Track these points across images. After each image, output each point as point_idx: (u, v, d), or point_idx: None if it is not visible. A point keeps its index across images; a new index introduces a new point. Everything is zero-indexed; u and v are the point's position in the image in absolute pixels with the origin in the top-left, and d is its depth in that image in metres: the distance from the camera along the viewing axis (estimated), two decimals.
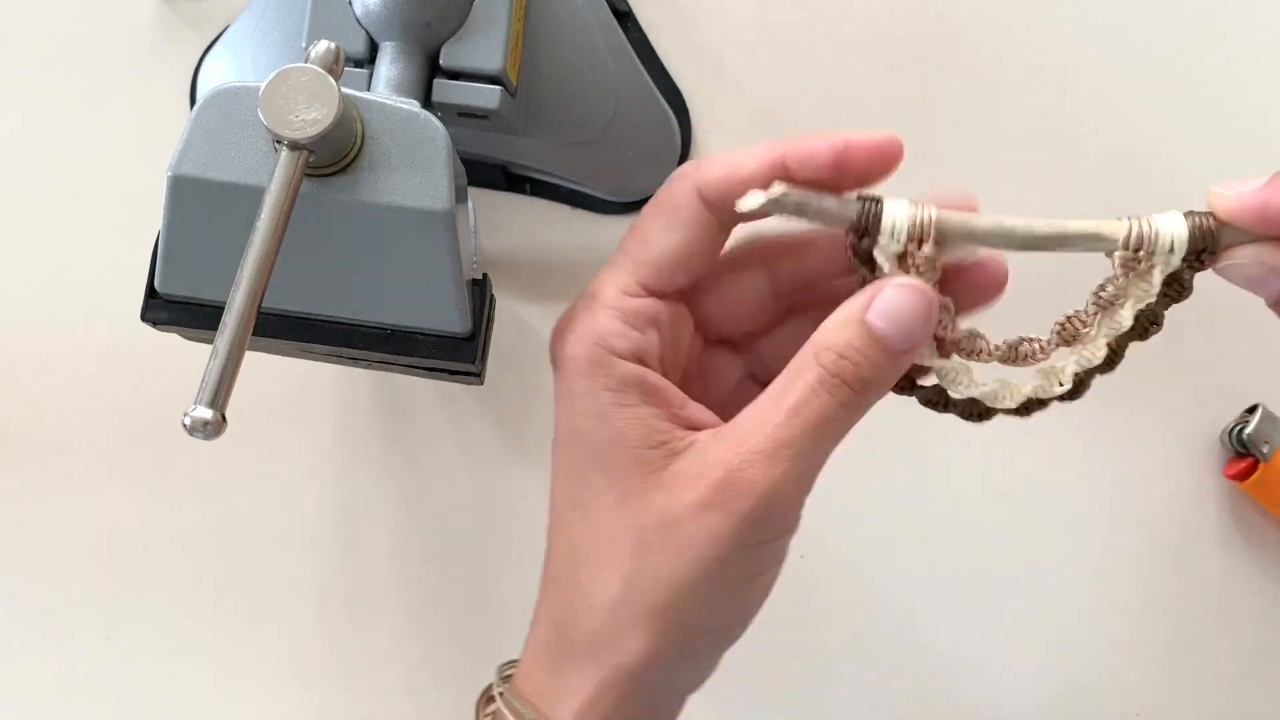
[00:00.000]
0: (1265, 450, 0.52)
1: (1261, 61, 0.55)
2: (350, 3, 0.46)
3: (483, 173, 0.54)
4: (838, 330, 0.33)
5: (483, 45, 0.46)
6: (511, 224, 0.55)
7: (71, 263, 0.55)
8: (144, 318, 0.40)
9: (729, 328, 0.38)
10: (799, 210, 0.33)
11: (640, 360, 0.35)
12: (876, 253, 0.33)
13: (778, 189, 0.32)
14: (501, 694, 0.37)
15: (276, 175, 0.34)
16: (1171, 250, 0.32)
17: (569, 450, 0.36)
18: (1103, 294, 0.34)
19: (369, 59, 0.46)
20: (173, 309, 0.40)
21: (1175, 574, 0.53)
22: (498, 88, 0.46)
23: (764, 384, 0.35)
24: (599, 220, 0.55)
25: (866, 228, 0.33)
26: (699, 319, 0.37)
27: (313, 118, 0.34)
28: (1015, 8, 0.56)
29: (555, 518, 0.37)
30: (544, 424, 0.54)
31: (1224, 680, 0.53)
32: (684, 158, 0.55)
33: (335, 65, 0.35)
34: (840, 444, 0.34)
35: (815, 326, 0.34)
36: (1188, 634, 0.53)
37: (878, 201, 0.33)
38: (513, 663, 0.38)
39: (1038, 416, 0.37)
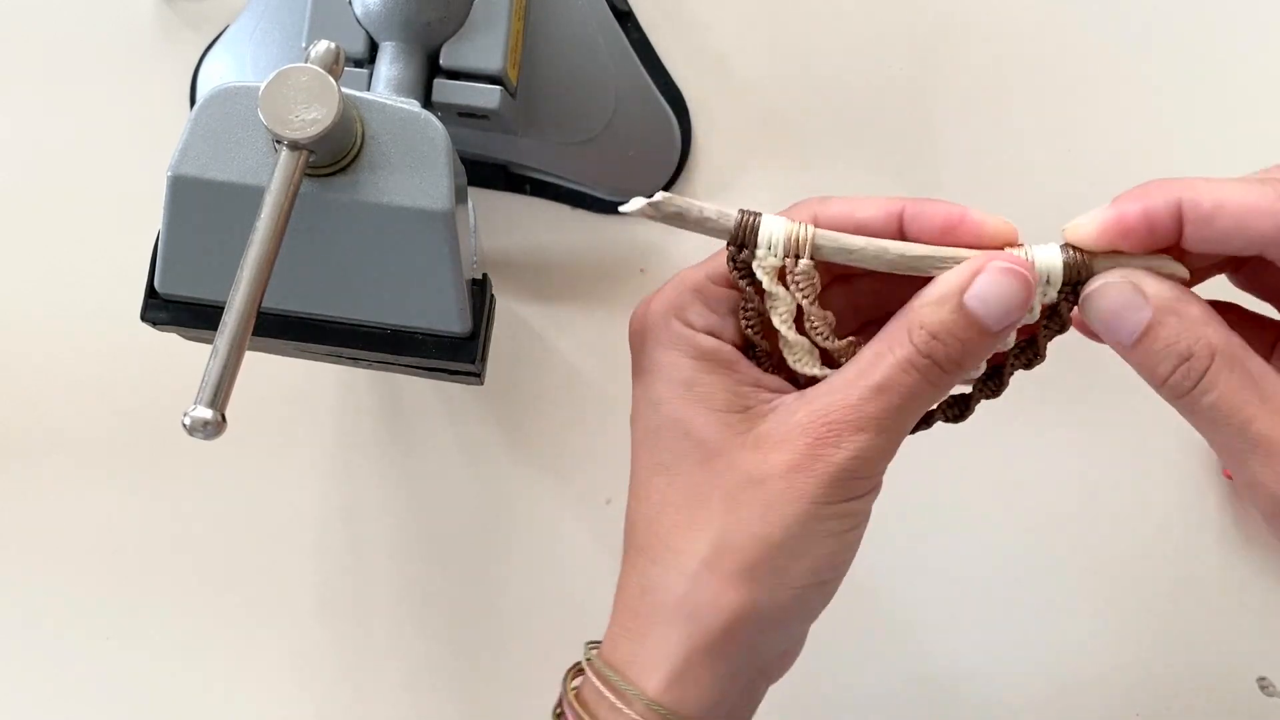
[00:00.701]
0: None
1: (1261, 61, 0.55)
2: (350, 3, 0.46)
3: (483, 173, 0.54)
4: (933, 310, 0.33)
5: (483, 45, 0.46)
6: (511, 224, 0.55)
7: (71, 263, 0.55)
8: (144, 318, 0.40)
9: None
10: (679, 218, 0.34)
11: (717, 336, 0.36)
12: (754, 265, 0.34)
13: (659, 195, 0.34)
14: (589, 660, 0.37)
15: (276, 175, 0.34)
16: (1048, 282, 0.33)
17: (650, 419, 0.36)
18: None
19: (369, 59, 0.46)
20: (172, 309, 0.40)
21: (1175, 574, 0.53)
22: (498, 88, 0.46)
23: None
24: (599, 220, 0.55)
25: (744, 240, 0.34)
26: None
27: (313, 117, 0.34)
28: (1015, 8, 0.56)
29: (637, 486, 0.37)
30: (544, 424, 0.55)
31: (1224, 680, 0.53)
32: (684, 158, 0.55)
33: (335, 65, 0.35)
34: None
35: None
36: (1188, 634, 0.53)
37: (756, 215, 0.34)
38: (596, 643, 0.38)
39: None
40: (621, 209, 0.34)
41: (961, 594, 0.53)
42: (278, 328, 0.40)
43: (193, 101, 0.55)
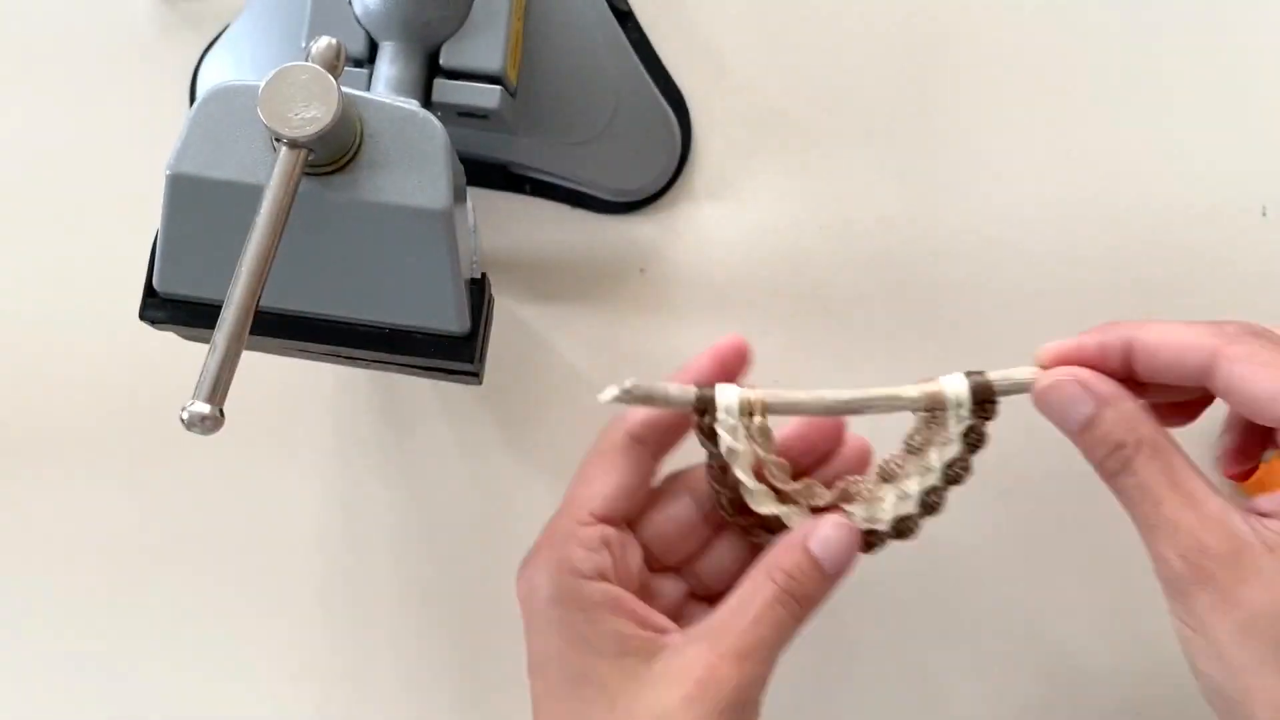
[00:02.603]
0: (1265, 451, 0.51)
1: (1262, 59, 0.55)
2: (350, 2, 0.46)
3: (482, 172, 0.54)
4: (787, 553, 0.40)
5: (482, 45, 0.46)
6: (511, 224, 0.55)
7: (70, 261, 0.55)
8: (142, 316, 0.40)
9: (670, 554, 0.43)
10: (647, 399, 0.39)
11: (602, 576, 0.40)
12: (717, 427, 0.40)
13: (628, 382, 0.38)
14: None
15: (276, 173, 0.34)
16: (960, 405, 0.39)
17: (551, 675, 0.40)
18: (911, 442, 0.40)
19: (369, 58, 0.46)
20: (171, 308, 0.40)
21: None
22: (497, 87, 0.46)
23: (704, 598, 0.43)
24: (599, 220, 0.55)
25: (705, 409, 0.40)
26: (645, 552, 0.42)
27: (312, 116, 0.34)
28: (1015, 8, 0.56)
29: None
30: (543, 424, 0.54)
31: None
32: (684, 158, 0.55)
33: (336, 61, 0.35)
34: None
35: (739, 542, 0.42)
36: None
37: (711, 388, 0.40)
38: None
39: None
40: (599, 397, 0.39)
41: (960, 594, 0.53)
42: (276, 326, 0.40)
43: (192, 100, 0.55)
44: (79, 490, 0.54)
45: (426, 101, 0.46)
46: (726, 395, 0.40)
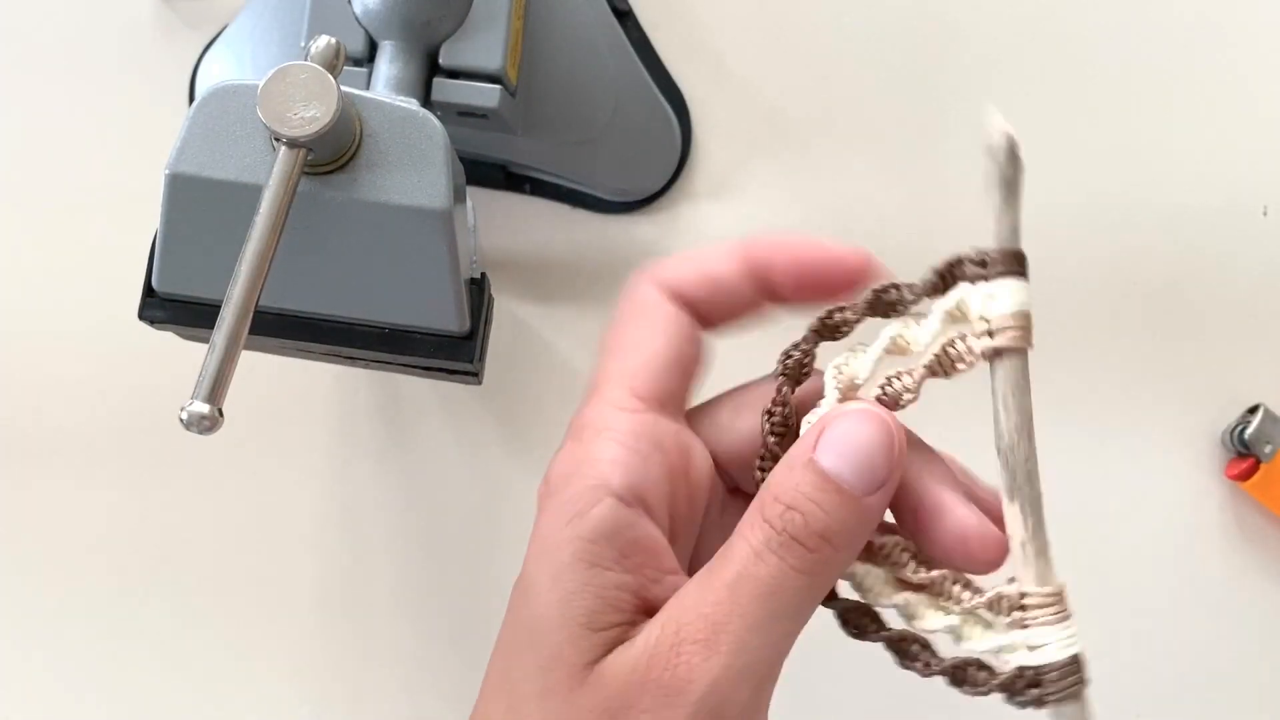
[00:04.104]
0: (1267, 451, 0.51)
1: (1263, 59, 0.55)
2: (349, 1, 0.46)
3: (482, 172, 0.54)
4: (785, 475, 0.27)
5: (482, 44, 0.46)
6: (511, 223, 0.55)
7: (69, 261, 0.55)
8: (141, 316, 0.40)
9: (747, 474, 0.30)
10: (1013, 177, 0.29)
11: (640, 497, 0.28)
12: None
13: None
14: None
15: (275, 172, 0.34)
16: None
17: (513, 610, 0.29)
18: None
19: (368, 58, 0.46)
20: (170, 308, 0.40)
21: (1176, 574, 0.53)
22: (497, 87, 0.46)
23: None
24: (599, 220, 0.55)
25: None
26: (716, 461, 0.31)
27: (311, 115, 0.34)
28: (1015, 7, 0.56)
29: (484, 694, 0.30)
30: (543, 424, 0.54)
31: (1224, 680, 0.53)
32: (684, 158, 0.55)
33: (335, 60, 0.35)
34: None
35: None
36: (1188, 634, 0.53)
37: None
38: None
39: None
40: (996, 119, 0.28)
41: None
42: (275, 326, 0.40)
43: (192, 100, 0.55)
44: (77, 489, 0.54)
45: (426, 101, 0.46)
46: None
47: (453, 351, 0.41)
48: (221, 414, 0.32)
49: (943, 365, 0.29)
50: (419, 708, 0.53)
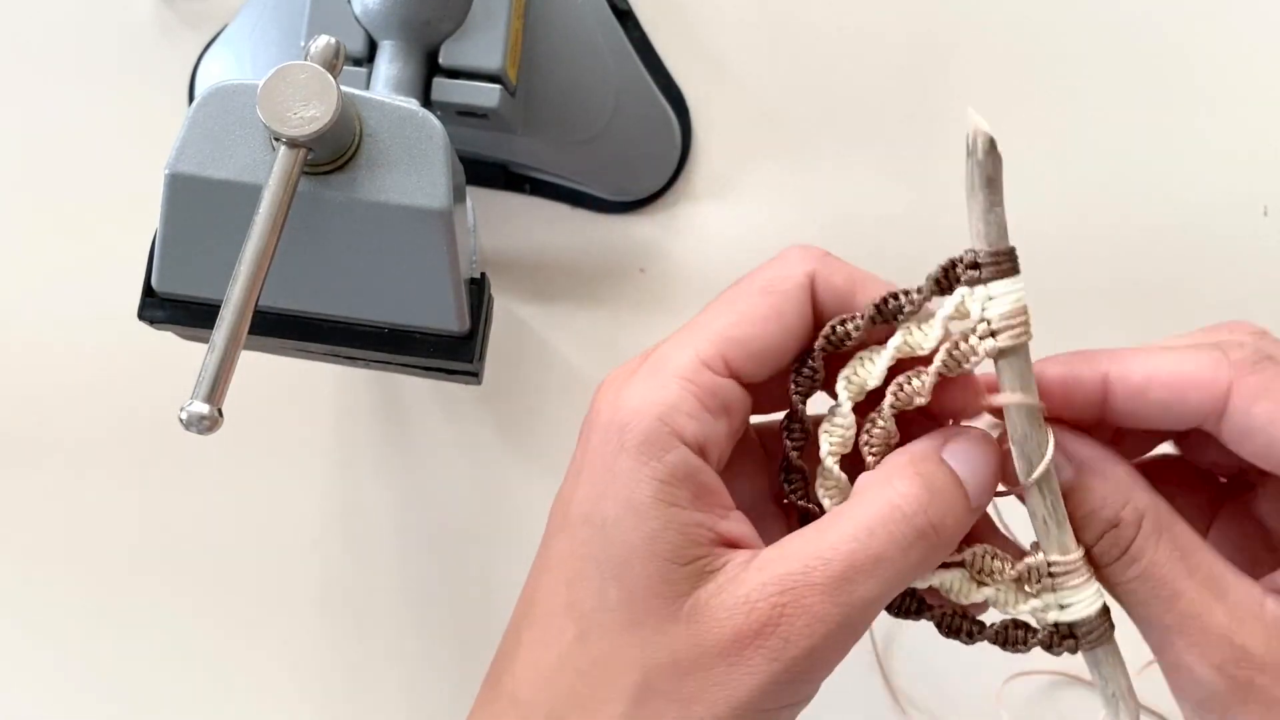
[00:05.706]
0: None
1: (1263, 60, 0.55)
2: (349, 1, 0.46)
3: (482, 172, 0.54)
4: (923, 462, 0.30)
5: (482, 44, 0.46)
6: (511, 223, 0.55)
7: (68, 261, 0.55)
8: (141, 316, 0.40)
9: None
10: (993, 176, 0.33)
11: (703, 452, 0.29)
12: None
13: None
14: None
15: (275, 172, 0.34)
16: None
17: (581, 541, 0.30)
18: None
19: (368, 58, 0.46)
20: (169, 308, 0.40)
21: None
22: (497, 87, 0.46)
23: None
24: (599, 220, 0.55)
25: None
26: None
27: (311, 115, 0.34)
28: (1015, 7, 0.56)
29: (539, 621, 0.30)
30: (543, 424, 0.54)
31: None
32: (684, 157, 0.54)
33: (335, 60, 0.35)
34: None
35: None
36: None
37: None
38: None
39: None
40: (975, 117, 0.30)
41: None
42: (275, 326, 0.40)
43: (191, 100, 0.55)
44: (77, 489, 0.54)
45: (426, 101, 0.46)
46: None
47: (452, 351, 0.41)
48: (221, 414, 0.32)
49: (949, 367, 0.31)
50: (419, 706, 0.53)
